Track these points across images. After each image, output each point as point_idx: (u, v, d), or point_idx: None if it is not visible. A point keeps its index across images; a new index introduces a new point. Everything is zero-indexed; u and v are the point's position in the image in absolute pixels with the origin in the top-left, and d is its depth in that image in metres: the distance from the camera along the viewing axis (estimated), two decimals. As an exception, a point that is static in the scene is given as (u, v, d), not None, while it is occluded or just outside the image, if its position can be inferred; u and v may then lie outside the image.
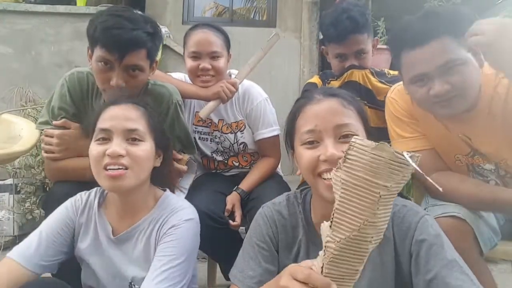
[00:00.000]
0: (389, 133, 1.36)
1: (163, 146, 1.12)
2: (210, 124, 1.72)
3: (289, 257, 0.97)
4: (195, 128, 1.75)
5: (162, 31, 1.50)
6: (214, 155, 1.78)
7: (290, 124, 0.98)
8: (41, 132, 1.46)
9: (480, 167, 1.26)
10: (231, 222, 1.50)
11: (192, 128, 1.74)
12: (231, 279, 0.96)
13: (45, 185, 2.71)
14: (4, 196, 2.70)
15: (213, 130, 1.73)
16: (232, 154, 1.78)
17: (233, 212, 1.54)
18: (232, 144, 1.73)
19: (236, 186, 1.64)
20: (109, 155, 0.97)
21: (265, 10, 4.30)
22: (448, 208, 1.12)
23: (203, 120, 1.70)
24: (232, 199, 1.58)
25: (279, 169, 1.85)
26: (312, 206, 0.99)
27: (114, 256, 1.07)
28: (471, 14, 1.10)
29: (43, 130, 1.39)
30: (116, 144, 0.99)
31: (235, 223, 1.50)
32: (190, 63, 1.63)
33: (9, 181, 2.72)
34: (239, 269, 0.95)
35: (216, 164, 1.81)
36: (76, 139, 1.36)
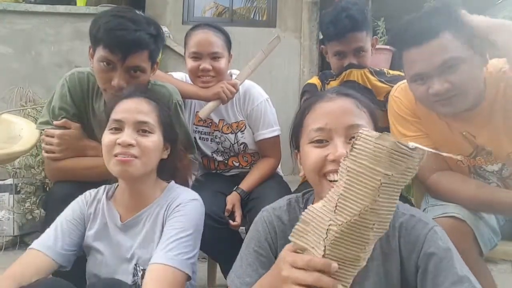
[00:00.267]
0: (391, 131, 1.36)
1: (171, 139, 1.18)
2: (210, 124, 1.72)
3: None
4: (196, 128, 1.75)
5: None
6: (215, 155, 1.78)
7: (297, 122, 0.94)
8: (41, 132, 1.46)
9: (482, 169, 1.25)
10: (231, 222, 1.50)
11: (193, 128, 1.74)
12: (228, 284, 0.95)
13: (45, 185, 2.71)
14: (4, 196, 2.70)
15: (214, 130, 1.73)
16: (232, 155, 1.78)
17: (233, 212, 1.55)
18: (232, 144, 1.73)
19: (236, 186, 1.64)
20: (120, 144, 1.04)
21: (265, 10, 4.30)
22: (448, 209, 1.12)
23: (203, 120, 1.70)
24: (232, 199, 1.58)
25: (279, 169, 1.86)
26: None
27: (122, 241, 1.13)
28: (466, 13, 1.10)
29: (43, 130, 1.40)
30: (127, 135, 1.05)
31: (235, 223, 1.51)
32: (190, 63, 1.63)
33: (9, 181, 2.72)
34: (236, 275, 0.93)
35: (216, 164, 1.81)
36: (77, 139, 1.37)
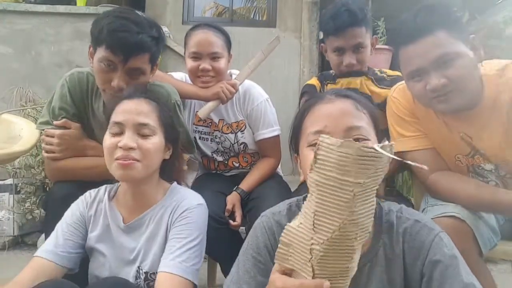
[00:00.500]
0: (390, 132, 1.36)
1: (172, 139, 1.16)
2: (210, 124, 1.72)
3: None
4: (196, 128, 1.75)
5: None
6: (215, 155, 1.78)
7: (297, 124, 0.93)
8: (41, 132, 1.46)
9: (480, 168, 1.25)
10: (231, 222, 1.50)
11: (193, 128, 1.74)
12: None
13: (45, 185, 2.71)
14: (4, 196, 2.70)
15: (214, 130, 1.73)
16: (232, 155, 1.78)
17: (233, 212, 1.54)
18: (232, 144, 1.73)
19: (236, 186, 1.64)
20: (121, 147, 1.03)
21: (265, 10, 4.30)
22: (448, 209, 1.12)
23: (203, 120, 1.70)
24: (232, 199, 1.58)
25: (279, 169, 1.86)
26: None
27: (124, 243, 1.12)
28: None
29: (43, 130, 1.40)
30: (128, 137, 1.04)
31: (235, 223, 1.50)
32: (190, 63, 1.63)
33: (9, 181, 2.73)
34: (233, 281, 0.90)
35: (216, 164, 1.81)
36: (77, 139, 1.37)
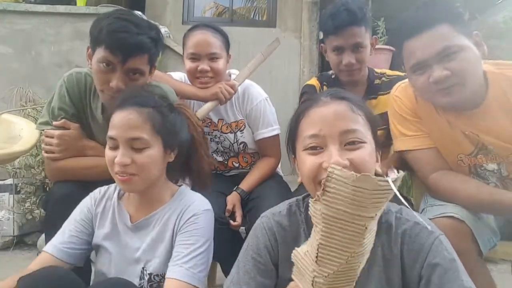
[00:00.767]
0: (391, 131, 1.36)
1: (173, 143, 1.13)
2: (209, 123, 1.72)
3: (291, 269, 0.91)
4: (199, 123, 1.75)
5: (162, 31, 1.51)
6: (214, 155, 1.78)
7: (293, 127, 0.92)
8: (41, 132, 1.47)
9: (482, 168, 1.25)
10: (231, 222, 1.50)
11: (192, 128, 1.74)
12: None
13: (45, 185, 2.71)
14: (4, 196, 2.70)
15: (213, 130, 1.73)
16: (232, 155, 1.78)
17: (233, 212, 1.54)
18: (232, 144, 1.73)
19: (236, 186, 1.64)
20: (116, 164, 1.03)
21: (265, 10, 4.30)
22: (447, 209, 1.12)
23: (202, 119, 1.70)
24: (233, 199, 1.58)
25: (279, 169, 1.85)
26: None
27: (130, 242, 1.13)
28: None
29: (43, 130, 1.40)
30: (122, 154, 1.03)
31: (236, 223, 1.50)
32: (189, 64, 1.63)
33: (9, 181, 2.73)
34: (234, 282, 0.90)
35: (216, 165, 1.81)
36: (76, 140, 1.37)
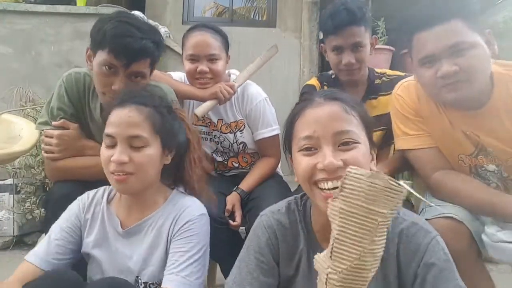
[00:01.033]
0: (393, 130, 1.36)
1: (171, 144, 1.12)
2: (209, 123, 1.72)
3: (290, 267, 0.94)
4: (194, 128, 1.75)
5: (162, 31, 1.52)
6: (214, 155, 1.78)
7: (288, 128, 0.93)
8: (41, 132, 1.47)
9: (483, 169, 1.25)
10: (231, 222, 1.50)
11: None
12: None
13: (45, 185, 2.71)
14: (4, 196, 2.70)
15: (212, 130, 1.73)
16: (232, 155, 1.78)
17: (233, 212, 1.54)
18: (231, 144, 1.73)
19: (236, 186, 1.64)
20: (114, 161, 1.00)
21: (265, 10, 4.30)
22: (446, 209, 1.12)
23: (202, 119, 1.70)
24: (232, 199, 1.58)
25: (279, 169, 1.85)
26: (312, 213, 0.96)
27: (121, 249, 1.10)
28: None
29: (43, 130, 1.41)
30: (120, 152, 1.01)
31: (235, 223, 1.50)
32: (188, 65, 1.62)
33: (9, 181, 2.72)
34: (236, 282, 0.90)
35: (216, 165, 1.81)
36: (75, 139, 1.38)
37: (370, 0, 3.62)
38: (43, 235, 1.22)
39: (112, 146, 1.03)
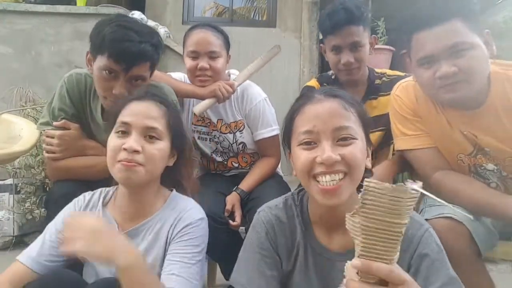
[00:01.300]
0: (392, 130, 1.36)
1: (179, 146, 1.13)
2: (209, 124, 1.72)
3: (289, 261, 0.96)
4: (194, 128, 1.75)
5: (162, 31, 1.51)
6: (214, 155, 1.78)
7: (288, 124, 0.96)
8: (41, 132, 1.47)
9: (482, 168, 1.25)
10: (231, 222, 1.50)
11: (191, 128, 1.74)
12: None
13: (45, 185, 2.71)
14: (4, 196, 2.70)
15: (212, 130, 1.73)
16: (231, 155, 1.78)
17: (233, 212, 1.55)
18: (231, 144, 1.73)
19: (236, 186, 1.64)
20: (126, 149, 1.00)
21: (265, 10, 4.30)
22: (445, 210, 1.12)
23: (202, 119, 1.70)
24: (232, 199, 1.58)
25: (279, 169, 1.86)
26: (309, 207, 0.98)
27: None
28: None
29: (44, 130, 1.41)
30: (134, 140, 1.01)
31: (235, 223, 1.51)
32: (189, 62, 1.64)
33: (9, 181, 2.72)
34: (245, 279, 0.93)
35: (215, 165, 1.81)
36: (76, 139, 1.39)
37: (370, 0, 3.63)
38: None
39: (125, 134, 1.03)
